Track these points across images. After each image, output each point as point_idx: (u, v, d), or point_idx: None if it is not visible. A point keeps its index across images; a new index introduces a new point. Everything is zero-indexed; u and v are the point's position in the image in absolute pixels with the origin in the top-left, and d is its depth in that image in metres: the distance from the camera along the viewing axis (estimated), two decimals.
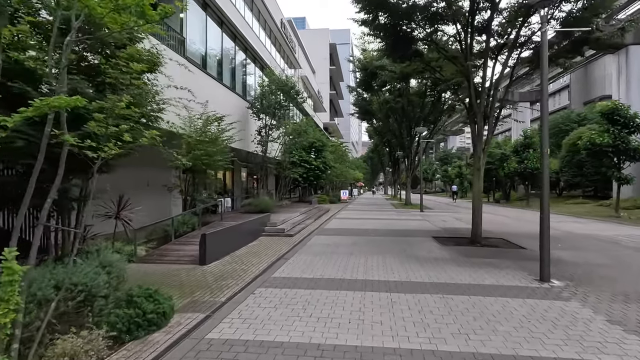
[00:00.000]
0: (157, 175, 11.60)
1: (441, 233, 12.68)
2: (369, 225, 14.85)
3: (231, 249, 9.11)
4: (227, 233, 9.04)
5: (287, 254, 8.78)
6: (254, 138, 16.73)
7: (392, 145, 41.60)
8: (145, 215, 9.91)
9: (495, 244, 10.45)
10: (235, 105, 15.61)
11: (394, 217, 18.85)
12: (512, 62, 10.96)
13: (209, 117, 11.42)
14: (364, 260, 8.00)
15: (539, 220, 6.98)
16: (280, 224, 12.63)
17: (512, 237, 11.68)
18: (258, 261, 7.98)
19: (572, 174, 31.53)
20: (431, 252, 9.04)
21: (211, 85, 13.28)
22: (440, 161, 76.63)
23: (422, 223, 15.98)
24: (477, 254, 8.90)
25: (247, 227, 10.75)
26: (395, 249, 9.54)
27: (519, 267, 7.53)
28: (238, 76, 17.04)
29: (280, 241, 10.73)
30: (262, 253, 8.91)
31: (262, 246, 9.90)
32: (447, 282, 6.33)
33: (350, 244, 10.28)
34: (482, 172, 10.68)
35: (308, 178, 23.95)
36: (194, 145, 10.86)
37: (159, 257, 8.39)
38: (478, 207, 10.69)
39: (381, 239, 11.16)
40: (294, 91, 16.56)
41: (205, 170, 11.54)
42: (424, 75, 12.72)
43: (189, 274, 6.86)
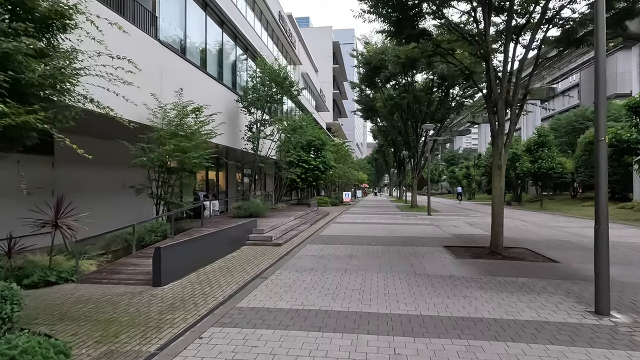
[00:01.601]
0: (138, 175, 10.03)
1: (454, 241, 10.99)
2: (370, 232, 13.19)
3: (201, 263, 7.52)
4: (194, 245, 7.44)
5: (267, 270, 7.16)
6: (244, 134, 15.16)
7: (397, 144, 39.91)
8: (118, 220, 8.41)
9: (519, 256, 8.76)
10: (221, 97, 14.06)
11: (399, 222, 17.16)
12: (535, 45, 9.31)
13: (184, 107, 9.86)
14: (361, 281, 6.36)
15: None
16: (268, 231, 11.02)
17: (537, 247, 9.99)
18: (228, 281, 6.37)
19: (589, 174, 29.58)
20: (445, 268, 7.37)
21: (189, 71, 11.73)
22: (447, 162, 74.65)
23: (430, 229, 14.28)
24: (501, 270, 7.22)
25: (225, 236, 9.16)
26: (401, 263, 7.88)
27: (560, 290, 5.85)
28: (226, 66, 15.49)
29: (265, 252, 9.12)
30: (237, 269, 7.30)
31: (240, 259, 8.29)
32: (471, 316, 4.68)
33: (346, 256, 8.64)
34: (503, 170, 9.00)
35: (307, 179, 22.35)
36: (165, 139, 9.32)
37: (108, 274, 6.82)
38: (499, 213, 9.01)
39: (384, 250, 9.51)
40: (287, 82, 14.96)
41: (181, 169, 9.98)
42: (433, 60, 11.05)
43: (131, 301, 5.27)
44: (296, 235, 11.72)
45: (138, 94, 8.74)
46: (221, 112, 11.50)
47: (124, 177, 9.93)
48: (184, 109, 9.82)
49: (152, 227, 9.10)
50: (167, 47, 10.52)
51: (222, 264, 7.76)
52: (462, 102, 29.29)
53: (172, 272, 6.42)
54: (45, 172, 9.47)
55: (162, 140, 9.27)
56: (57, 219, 6.51)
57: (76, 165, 10.12)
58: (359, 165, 59.25)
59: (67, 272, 6.40)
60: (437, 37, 10.22)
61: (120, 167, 9.76)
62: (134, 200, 10.09)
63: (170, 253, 6.44)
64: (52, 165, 9.69)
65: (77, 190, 10.03)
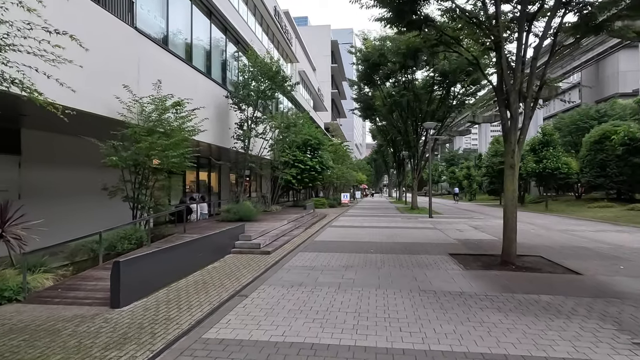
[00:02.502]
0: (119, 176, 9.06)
1: (460, 248, 10.06)
2: (369, 237, 12.25)
3: (174, 276, 6.57)
4: (167, 255, 6.50)
5: (250, 286, 6.22)
6: (234, 132, 14.22)
7: (396, 144, 39.02)
8: (96, 225, 7.45)
9: (535, 266, 7.83)
10: (210, 92, 13.13)
11: (399, 225, 16.21)
12: (551, 31, 8.38)
13: (162, 101, 8.92)
14: (357, 300, 5.41)
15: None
16: (257, 237, 10.07)
17: (552, 254, 9.06)
18: (201, 300, 5.43)
19: (595, 174, 28.65)
20: (454, 282, 6.43)
21: (172, 63, 10.79)
22: (447, 162, 73.77)
23: (433, 233, 13.35)
24: (518, 284, 6.29)
25: (207, 243, 8.21)
26: (403, 275, 6.94)
27: (594, 312, 4.91)
28: (215, 60, 14.55)
29: (251, 262, 8.18)
30: (215, 284, 6.35)
31: (221, 271, 7.34)
32: (492, 352, 3.74)
33: (341, 266, 7.70)
34: (516, 170, 8.07)
35: (303, 180, 21.45)
36: (140, 136, 8.38)
37: (64, 291, 5.87)
38: (511, 217, 8.08)
39: (383, 258, 8.57)
40: (280, 76, 14.02)
41: (159, 170, 9.03)
42: (436, 50, 10.12)
43: (77, 330, 4.33)
44: (288, 242, 10.77)
45: (106, 85, 7.82)
46: (204, 106, 10.54)
47: (103, 178, 8.96)
48: (162, 103, 8.89)
49: (125, 234, 8.15)
50: (145, 36, 9.59)
51: (199, 278, 6.81)
52: (463, 100, 28.41)
53: (136, 289, 5.47)
54: (10, 173, 8.55)
55: (137, 137, 8.33)
56: (1, 228, 5.56)
57: (47, 165, 9.20)
58: (358, 165, 58.33)
59: (11, 290, 5.45)
60: (441, 24, 9.31)
61: (100, 167, 8.81)
62: (114, 204, 9.12)
63: (135, 267, 5.50)
64: (19, 165, 8.76)
65: (48, 193, 9.10)
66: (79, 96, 6.46)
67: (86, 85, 7.07)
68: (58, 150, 9.40)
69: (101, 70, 7.74)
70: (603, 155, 27.41)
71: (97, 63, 7.58)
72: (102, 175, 8.81)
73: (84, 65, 7.12)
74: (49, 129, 8.97)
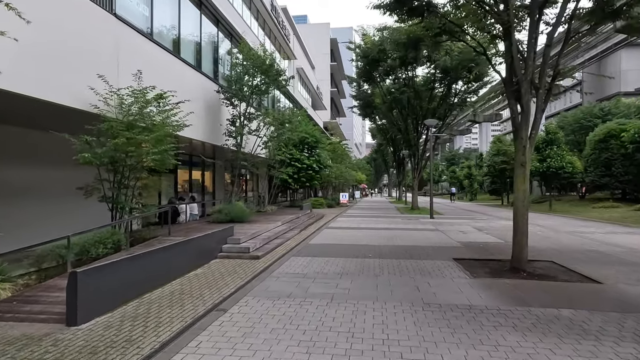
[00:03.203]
0: None
1: (464, 252, 9.37)
2: (367, 239, 11.57)
3: (149, 286, 5.88)
4: (140, 262, 5.80)
5: (232, 297, 5.54)
6: (225, 129, 13.53)
7: (396, 143, 38.37)
8: (74, 227, 6.79)
9: (548, 273, 7.15)
10: (200, 87, 12.43)
11: (400, 227, 15.52)
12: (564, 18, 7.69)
13: (143, 93, 8.22)
14: (351, 316, 4.72)
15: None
16: (246, 240, 9.39)
17: (564, 259, 8.38)
18: (173, 316, 4.74)
19: (599, 174, 27.96)
20: (461, 293, 5.74)
21: (157, 54, 10.09)
22: (447, 162, 73.13)
23: (435, 235, 12.66)
24: (533, 296, 5.60)
25: (191, 248, 7.53)
26: (404, 284, 6.25)
27: (625, 331, 4.22)
28: (206, 53, 13.84)
29: (238, 268, 7.49)
30: (193, 295, 5.66)
31: (203, 279, 6.65)
32: None
33: (336, 273, 7.01)
34: (528, 168, 7.38)
35: (299, 179, 20.77)
36: (117, 131, 7.68)
37: (20, 304, 5.17)
38: (522, 220, 7.39)
39: (382, 264, 7.88)
40: (274, 70, 13.32)
41: (138, 168, 8.33)
42: (439, 40, 9.42)
43: (14, 357, 3.64)
44: (280, 245, 10.08)
45: (77, 74, 7.13)
46: (190, 99, 9.84)
47: (82, 176, 8.24)
48: (142, 95, 8.19)
49: (100, 238, 7.45)
50: (126, 23, 8.89)
51: (178, 287, 6.12)
52: (465, 97, 27.73)
53: (99, 302, 4.78)
54: None
55: (113, 132, 7.63)
56: None
57: (16, 162, 8.49)
58: (357, 165, 57.69)
59: None
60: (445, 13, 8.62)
61: (77, 165, 8.09)
62: (94, 205, 8.40)
63: (99, 277, 4.82)
64: None
65: (17, 192, 8.39)
66: (39, 84, 5.77)
67: (47, 72, 6.39)
68: (31, 147, 8.69)
69: (71, 58, 7.05)
70: (608, 154, 26.75)
71: (67, 50, 6.90)
72: (81, 173, 8.10)
73: (47, 50, 6.45)
74: (19, 124, 8.28)
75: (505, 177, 36.05)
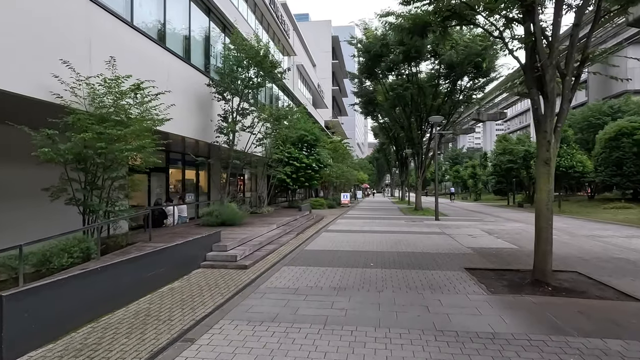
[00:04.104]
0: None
1: (477, 260, 8.42)
2: (369, 245, 10.64)
3: (110, 305, 4.98)
4: (99, 277, 4.90)
5: (205, 321, 4.62)
6: (216, 125, 12.63)
7: (399, 142, 37.42)
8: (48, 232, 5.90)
9: (576, 287, 6.21)
10: (188, 80, 11.52)
11: (403, 230, 14.58)
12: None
13: (117, 82, 7.33)
14: (347, 350, 3.79)
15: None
16: (235, 247, 8.48)
17: (590, 269, 7.44)
18: (128, 348, 3.83)
19: (610, 173, 26.90)
20: (480, 315, 4.81)
21: (138, 43, 9.18)
22: (451, 161, 72.05)
23: (443, 240, 11.71)
24: (568, 319, 4.65)
25: (168, 257, 6.63)
26: (410, 303, 5.32)
27: None
28: (196, 44, 12.93)
29: (220, 280, 6.58)
30: (160, 317, 4.76)
31: (178, 295, 5.75)
32: None
33: (332, 288, 6.08)
34: (553, 166, 6.44)
35: (298, 179, 19.87)
36: (86, 124, 6.79)
37: None
38: (546, 225, 6.47)
39: (385, 276, 6.96)
40: (268, 61, 12.39)
41: (109, 166, 7.43)
42: (448, 24, 8.47)
43: None
44: (273, 252, 9.17)
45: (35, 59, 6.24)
46: (172, 91, 8.94)
47: (50, 178, 7.35)
48: (116, 85, 7.29)
49: (65, 246, 6.55)
50: (100, 6, 7.99)
51: (145, 306, 5.22)
52: (470, 94, 26.73)
53: (37, 332, 3.89)
54: None
55: (81, 125, 6.74)
56: None
57: None
58: (359, 164, 56.77)
59: None
60: None
61: (41, 163, 7.19)
62: (65, 208, 7.51)
63: (35, 300, 3.92)
64: None
65: None
66: None
67: None
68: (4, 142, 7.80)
69: (31, 41, 6.16)
70: (619, 153, 25.73)
71: (27, 32, 6.01)
72: (55, 173, 7.21)
73: None
74: None
75: (511, 177, 35.03)
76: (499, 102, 67.99)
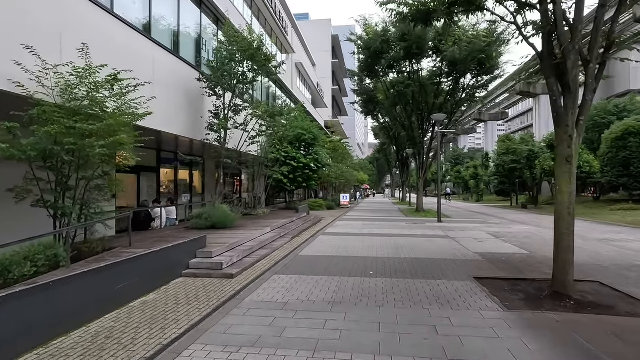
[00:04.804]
0: None
1: (486, 268, 7.72)
2: (368, 250, 9.94)
3: (66, 325, 4.29)
4: (55, 292, 4.21)
5: (173, 346, 3.91)
6: (207, 122, 11.93)
7: (399, 142, 36.75)
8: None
9: (601, 300, 5.51)
10: (176, 73, 10.83)
11: (405, 232, 13.87)
12: None
13: (90, 72, 6.63)
14: None
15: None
16: (222, 253, 7.78)
17: (612, 278, 6.76)
18: None
19: (617, 173, 26.18)
20: (496, 338, 4.10)
21: (119, 32, 8.49)
22: (452, 162, 71.33)
23: (447, 244, 11.00)
24: (602, 344, 3.94)
25: (143, 265, 5.94)
26: (415, 323, 4.61)
27: None
28: (186, 37, 12.23)
29: (201, 292, 5.88)
30: (122, 340, 4.05)
31: (151, 309, 5.05)
32: None
33: (326, 302, 5.38)
34: (575, 164, 5.74)
35: (295, 179, 19.17)
36: (52, 117, 6.09)
37: None
38: (567, 231, 5.80)
39: (386, 287, 6.25)
40: (261, 54, 11.69)
41: (82, 165, 6.74)
42: (455, 10, 7.77)
43: None
44: (264, 258, 8.47)
45: None
46: (155, 83, 8.25)
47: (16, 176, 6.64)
48: (88, 75, 6.60)
49: (29, 253, 5.85)
50: None
51: (108, 324, 4.52)
52: (473, 92, 26.03)
53: None
54: None
55: (48, 118, 6.05)
56: None
57: None
58: (360, 165, 56.08)
59: None
60: None
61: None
62: (36, 211, 6.80)
63: None
64: None
65: None
66: None
67: None
68: None
69: None
70: (626, 153, 25.05)
71: None
72: (16, 171, 6.52)
73: None
74: None
75: (514, 178, 34.31)
76: (501, 102, 67.35)
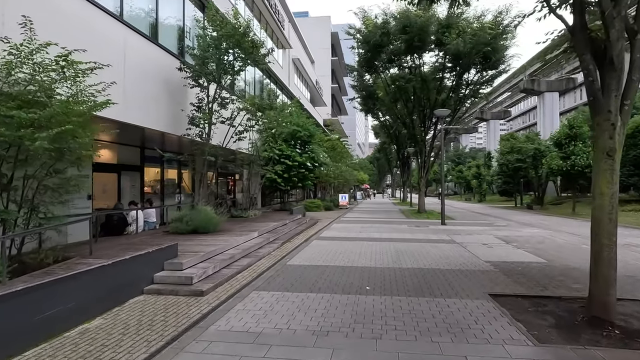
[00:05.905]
0: None
1: (502, 281, 6.63)
2: (366, 257, 8.87)
3: None
4: None
5: None
6: (189, 116, 10.86)
7: (400, 141, 35.70)
8: None
9: None
10: (152, 60, 9.76)
11: (406, 236, 12.78)
12: None
13: (30, 51, 5.56)
14: None
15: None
16: (195, 264, 6.70)
17: None
18: None
19: (627, 173, 25.11)
20: None
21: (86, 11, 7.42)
22: (455, 160, 70.25)
23: (454, 250, 9.92)
24: None
25: (96, 281, 4.87)
26: None
27: None
28: (165, 22, 11.14)
29: (160, 316, 4.80)
30: None
31: (87, 343, 3.96)
32: None
33: (310, 332, 4.30)
34: (618, 159, 4.69)
35: (290, 179, 18.09)
36: None
37: None
38: (609, 243, 4.76)
39: (386, 308, 5.18)
40: (248, 40, 10.60)
41: (22, 160, 5.67)
42: None
43: None
44: (246, 269, 7.38)
45: None
46: (111, 64, 7.15)
47: None
48: (31, 53, 5.53)
49: None
50: None
51: None
52: (477, 89, 24.92)
53: None
54: None
55: None
56: None
57: None
58: (360, 164, 55.02)
59: None
60: None
61: None
62: None
63: None
64: None
65: None
66: None
67: None
68: None
69: None
70: (637, 152, 23.99)
71: None
72: None
73: None
74: None
75: (518, 177, 33.19)
76: (503, 100, 66.32)
